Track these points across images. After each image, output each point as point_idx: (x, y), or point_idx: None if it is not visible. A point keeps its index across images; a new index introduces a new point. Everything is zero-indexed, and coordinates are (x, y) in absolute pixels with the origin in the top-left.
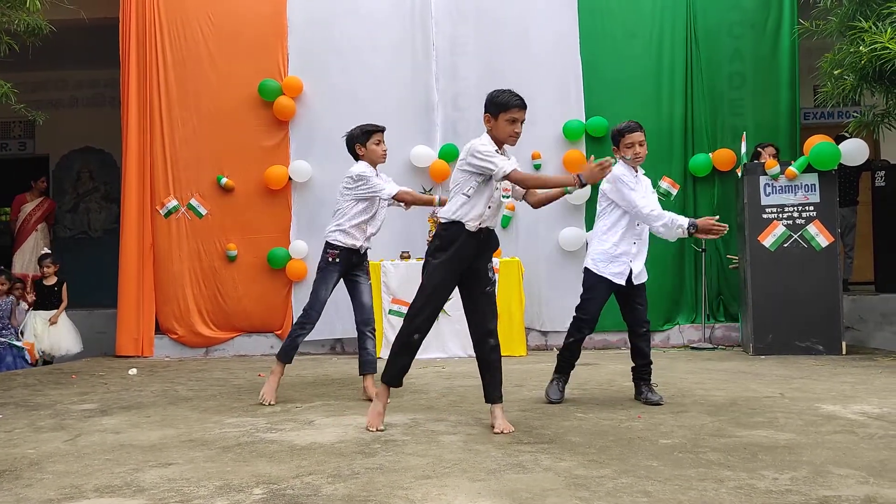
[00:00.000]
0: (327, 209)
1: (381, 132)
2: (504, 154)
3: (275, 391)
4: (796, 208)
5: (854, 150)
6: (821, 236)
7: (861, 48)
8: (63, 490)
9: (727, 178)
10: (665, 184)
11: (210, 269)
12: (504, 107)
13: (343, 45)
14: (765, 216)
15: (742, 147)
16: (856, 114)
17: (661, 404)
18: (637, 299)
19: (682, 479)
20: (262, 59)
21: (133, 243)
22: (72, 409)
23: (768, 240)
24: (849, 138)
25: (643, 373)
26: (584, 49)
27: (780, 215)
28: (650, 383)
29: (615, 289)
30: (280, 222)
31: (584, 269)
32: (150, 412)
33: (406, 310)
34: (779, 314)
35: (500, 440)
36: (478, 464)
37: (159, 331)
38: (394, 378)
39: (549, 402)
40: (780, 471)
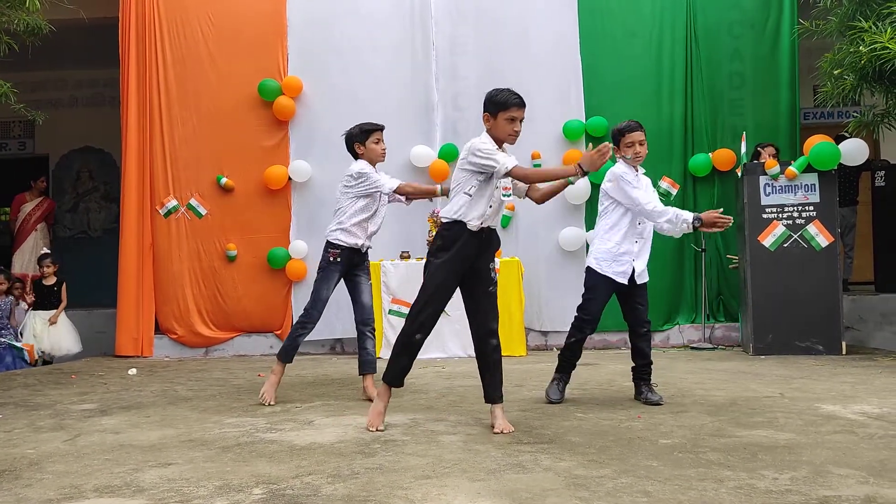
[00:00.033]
0: (327, 209)
1: (381, 131)
2: (504, 153)
3: (275, 391)
4: (796, 208)
5: (854, 150)
6: (821, 236)
7: (861, 48)
8: (63, 490)
9: (727, 178)
10: (665, 184)
11: (210, 268)
12: (503, 105)
13: (343, 44)
14: (765, 216)
15: (742, 147)
16: (855, 114)
17: (661, 404)
18: (638, 299)
19: (682, 479)
20: (261, 58)
21: (133, 243)
22: (71, 409)
23: (768, 240)
24: (849, 138)
25: (643, 373)
26: (584, 49)
27: (780, 215)
28: (650, 383)
29: (617, 288)
30: (280, 222)
31: (587, 268)
32: (149, 412)
33: (406, 310)
34: (779, 314)
35: (499, 440)
36: (478, 464)
37: (159, 331)
38: (395, 378)
39: (549, 402)
40: (780, 471)
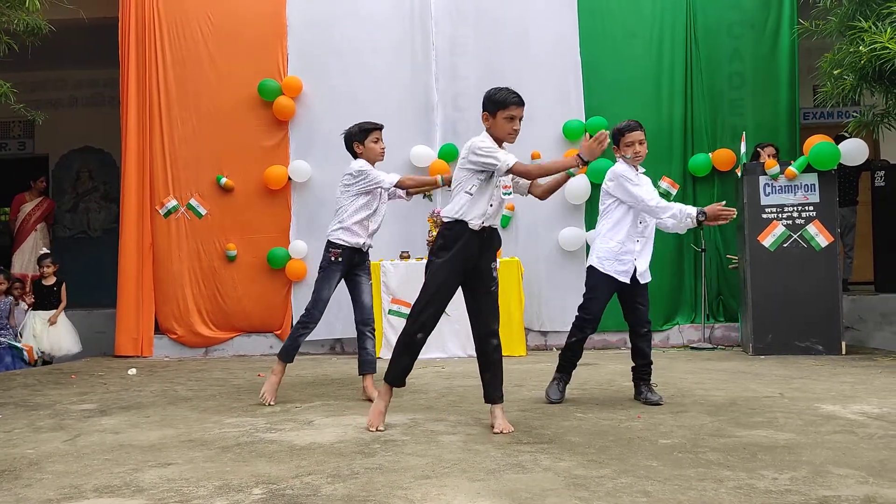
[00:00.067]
0: (327, 209)
1: (379, 130)
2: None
3: (275, 391)
4: (796, 208)
5: (854, 150)
6: (820, 236)
7: (861, 48)
8: (62, 490)
9: (727, 178)
10: (665, 184)
11: (209, 268)
12: (502, 104)
13: (343, 45)
14: (764, 216)
15: (741, 147)
16: (855, 114)
17: (661, 404)
18: (639, 299)
19: (682, 479)
20: (261, 59)
21: (132, 243)
22: (71, 409)
23: (768, 240)
24: (848, 138)
25: (643, 373)
26: (584, 49)
27: (780, 215)
28: (650, 383)
29: (619, 288)
30: (279, 222)
31: (589, 267)
32: (149, 412)
33: (406, 310)
34: (778, 314)
35: (499, 440)
36: (477, 464)
37: (159, 331)
38: (396, 378)
39: (548, 402)
40: (780, 471)
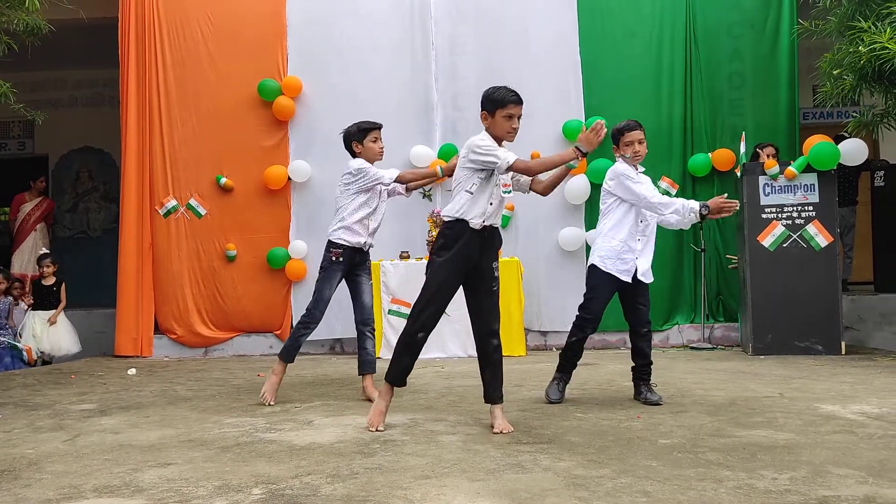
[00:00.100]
0: (327, 209)
1: (378, 129)
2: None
3: (275, 391)
4: (795, 208)
5: (853, 150)
6: (820, 236)
7: (860, 48)
8: (62, 490)
9: (726, 178)
10: (664, 184)
11: (209, 268)
12: (500, 103)
13: (342, 44)
14: (764, 216)
15: (741, 147)
16: (855, 114)
17: (661, 404)
18: (640, 299)
19: (682, 479)
20: (261, 58)
21: (132, 243)
22: (71, 409)
23: (767, 240)
24: (848, 138)
25: (643, 373)
26: (584, 49)
27: (780, 215)
28: (650, 383)
29: (620, 287)
30: (279, 222)
31: (590, 266)
32: (149, 412)
33: (405, 310)
34: (778, 314)
35: (499, 440)
36: (477, 464)
37: (158, 331)
38: (397, 377)
39: (548, 402)
40: (780, 471)
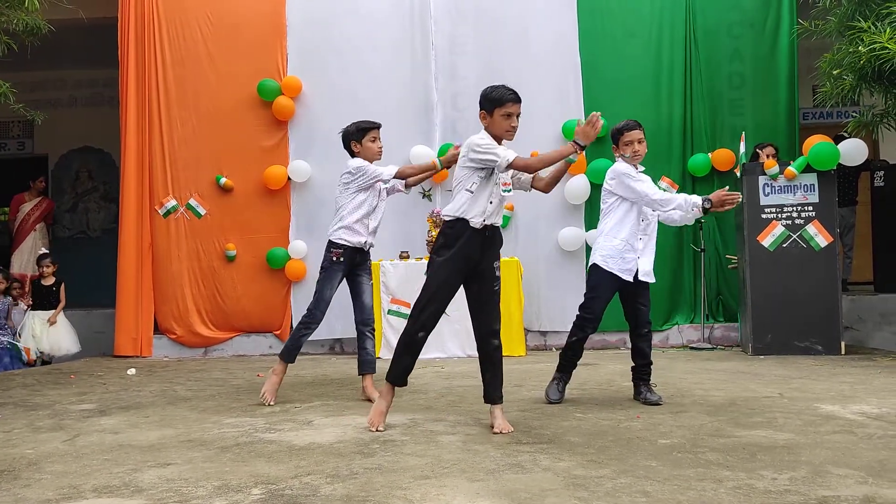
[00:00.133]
0: (327, 209)
1: (377, 129)
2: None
3: (275, 391)
4: (795, 208)
5: (853, 150)
6: (820, 236)
7: (860, 48)
8: (61, 490)
9: (726, 178)
10: (664, 184)
11: (209, 268)
12: (498, 102)
13: (342, 44)
14: (764, 216)
15: (741, 147)
16: (855, 114)
17: (660, 404)
18: (641, 300)
19: (681, 479)
20: (261, 58)
21: (132, 243)
22: (70, 410)
23: (767, 240)
24: (848, 138)
25: (643, 373)
26: (584, 49)
27: (779, 215)
28: (649, 383)
29: (621, 286)
30: (279, 222)
31: (592, 265)
32: (148, 412)
33: (405, 310)
34: (778, 314)
35: (498, 440)
36: (476, 464)
37: (158, 331)
38: (398, 377)
39: (548, 402)
40: (779, 471)
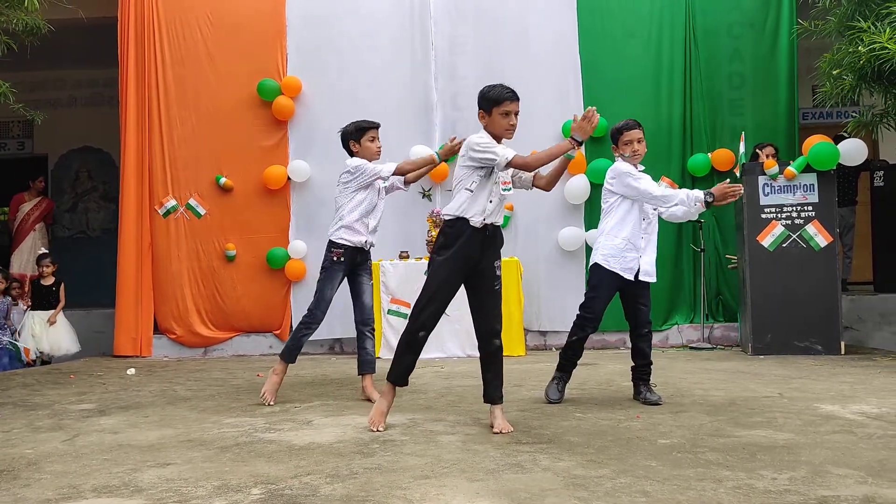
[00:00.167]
0: (326, 209)
1: (376, 129)
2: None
3: (276, 391)
4: (795, 208)
5: (853, 150)
6: (819, 236)
7: (860, 48)
8: (61, 490)
9: (726, 178)
10: (664, 183)
11: (209, 268)
12: (496, 101)
13: (342, 44)
14: (763, 216)
15: (740, 147)
16: (854, 114)
17: (660, 404)
18: (641, 300)
19: (681, 479)
20: (260, 58)
21: (131, 243)
22: (70, 409)
23: (767, 240)
24: (847, 138)
25: (643, 373)
26: (584, 49)
27: (779, 215)
28: (649, 383)
29: (622, 285)
30: (279, 222)
31: (593, 265)
32: (148, 412)
33: (405, 310)
34: (777, 314)
35: (498, 440)
36: (476, 464)
37: (158, 331)
38: (399, 377)
39: (548, 401)
40: (779, 471)
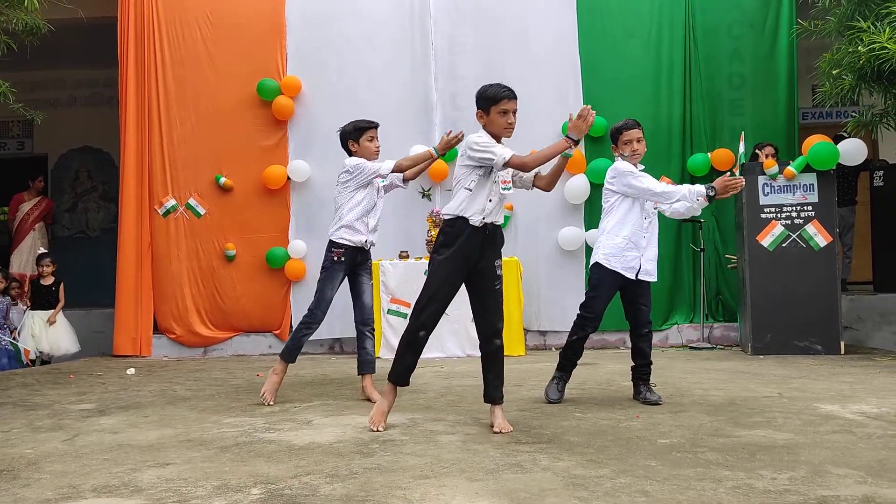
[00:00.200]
0: (326, 209)
1: (375, 129)
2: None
3: (276, 391)
4: (795, 208)
5: (852, 150)
6: (819, 236)
7: (859, 48)
8: (61, 490)
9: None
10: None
11: (208, 268)
12: (494, 100)
13: (342, 44)
14: (763, 216)
15: (740, 147)
16: (854, 113)
17: (660, 404)
18: (642, 300)
19: (681, 479)
20: (260, 58)
21: (131, 243)
22: (70, 409)
23: (767, 239)
24: (847, 138)
25: (642, 373)
26: (583, 49)
27: (779, 215)
28: (649, 383)
29: (622, 285)
30: (279, 222)
31: (594, 264)
32: (148, 412)
33: (405, 310)
34: (777, 314)
35: (498, 440)
36: (476, 464)
37: (157, 330)
38: (400, 377)
39: (548, 401)
40: (779, 470)
